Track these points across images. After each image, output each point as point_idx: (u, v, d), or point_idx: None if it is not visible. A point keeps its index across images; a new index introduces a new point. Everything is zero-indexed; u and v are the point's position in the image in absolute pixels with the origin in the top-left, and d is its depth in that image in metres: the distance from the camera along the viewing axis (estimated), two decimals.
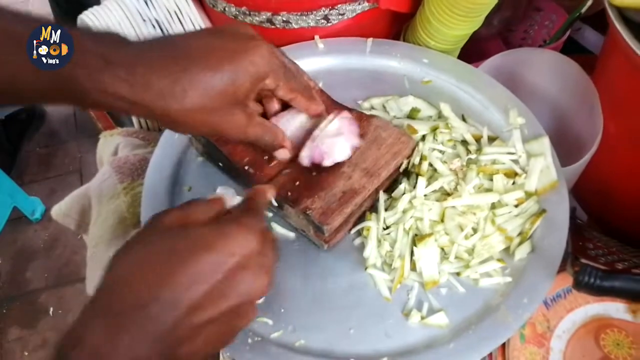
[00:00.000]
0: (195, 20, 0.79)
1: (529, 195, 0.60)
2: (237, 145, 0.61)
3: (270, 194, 0.50)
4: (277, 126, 0.56)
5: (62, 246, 1.84)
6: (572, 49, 0.93)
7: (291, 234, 0.61)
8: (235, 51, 0.47)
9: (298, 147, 0.58)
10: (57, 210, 0.78)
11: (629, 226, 0.74)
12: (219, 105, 0.47)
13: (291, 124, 0.58)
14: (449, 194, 0.60)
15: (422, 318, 0.55)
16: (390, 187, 0.62)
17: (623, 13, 0.60)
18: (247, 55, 0.47)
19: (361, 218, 0.61)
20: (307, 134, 0.59)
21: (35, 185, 1.98)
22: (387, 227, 0.59)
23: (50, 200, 1.91)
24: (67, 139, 2.11)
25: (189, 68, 0.45)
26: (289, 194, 0.58)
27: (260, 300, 0.47)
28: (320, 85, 0.72)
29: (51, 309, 1.72)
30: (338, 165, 0.59)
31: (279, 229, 0.61)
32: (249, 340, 0.53)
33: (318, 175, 0.59)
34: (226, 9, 0.75)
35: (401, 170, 0.62)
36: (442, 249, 0.58)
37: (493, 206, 0.60)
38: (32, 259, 1.83)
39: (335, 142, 0.58)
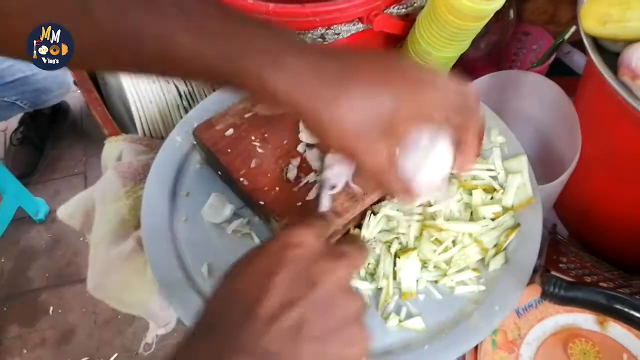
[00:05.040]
0: None
1: (505, 210, 0.64)
2: (236, 157, 0.65)
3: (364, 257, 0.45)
4: (412, 185, 0.49)
5: (64, 247, 1.88)
6: (561, 71, 0.97)
7: None
8: (422, 79, 0.45)
9: None
10: (63, 211, 0.81)
11: (605, 243, 0.78)
12: (370, 129, 0.44)
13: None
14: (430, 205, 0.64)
15: (400, 322, 0.58)
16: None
17: (598, 42, 0.64)
18: (413, 95, 0.44)
19: (347, 234, 0.64)
20: None
21: (40, 187, 2.02)
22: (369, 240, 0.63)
23: (54, 202, 1.95)
24: (73, 143, 2.15)
25: (354, 82, 0.43)
26: (276, 209, 0.61)
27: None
28: None
29: (51, 308, 1.75)
30: None
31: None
32: None
33: (305, 194, 0.62)
34: None
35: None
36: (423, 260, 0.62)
37: (471, 219, 0.64)
38: (34, 258, 1.87)
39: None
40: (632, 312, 0.53)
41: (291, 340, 0.36)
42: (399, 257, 0.60)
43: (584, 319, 0.62)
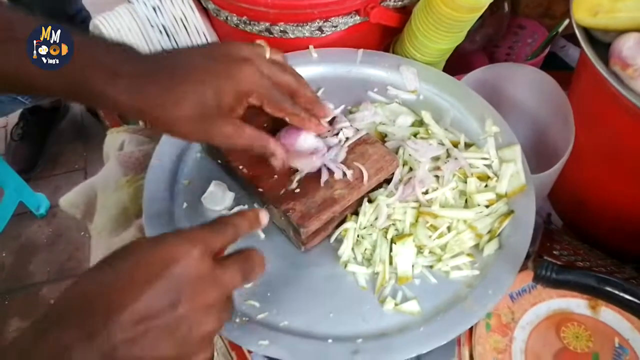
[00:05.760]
0: (199, 27, 0.84)
1: (499, 197, 0.66)
2: None
3: (260, 218, 0.50)
4: (266, 135, 0.59)
5: (65, 242, 1.89)
6: (556, 65, 0.98)
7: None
8: (221, 70, 0.53)
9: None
10: (65, 200, 0.83)
11: (598, 232, 0.79)
12: (206, 116, 0.53)
13: (294, 138, 0.64)
14: (426, 192, 0.65)
15: (396, 305, 0.60)
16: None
17: (590, 33, 0.65)
18: (230, 73, 0.53)
19: (343, 221, 0.65)
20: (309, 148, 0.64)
21: (40, 182, 2.03)
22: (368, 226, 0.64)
23: (55, 197, 1.96)
24: (73, 138, 2.16)
25: (181, 82, 0.51)
26: (274, 194, 0.63)
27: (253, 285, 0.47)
28: (320, 92, 0.77)
29: (52, 302, 1.75)
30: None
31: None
32: (237, 320, 0.58)
33: (303, 182, 0.64)
34: (228, 18, 0.81)
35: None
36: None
37: (466, 206, 0.65)
38: (35, 253, 1.88)
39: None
40: (622, 294, 0.54)
41: (136, 352, 0.38)
42: (395, 243, 0.62)
43: (577, 304, 0.64)
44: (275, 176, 0.64)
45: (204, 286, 0.41)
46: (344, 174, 0.63)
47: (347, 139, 0.66)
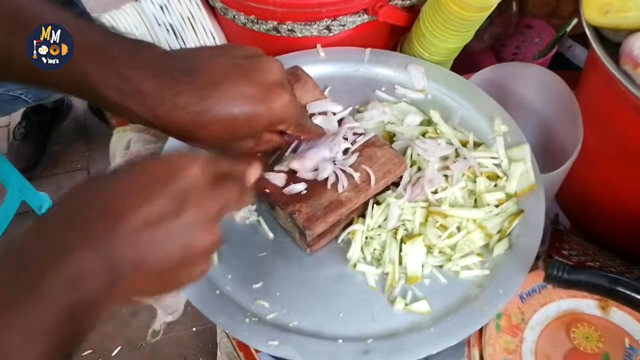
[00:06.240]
0: (206, 26, 0.84)
1: (509, 196, 0.66)
2: None
3: (252, 169, 0.49)
4: (281, 140, 0.60)
5: None
6: (563, 65, 0.98)
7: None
8: (255, 95, 0.51)
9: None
10: None
11: (607, 232, 0.79)
12: (231, 139, 0.53)
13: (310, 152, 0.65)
14: (435, 192, 0.65)
15: (406, 305, 0.59)
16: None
17: (600, 32, 0.65)
18: (265, 100, 0.51)
19: (350, 224, 0.65)
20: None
21: (43, 181, 2.02)
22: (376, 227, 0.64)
23: (57, 196, 1.94)
24: (75, 138, 2.15)
25: (212, 106, 0.49)
26: (282, 196, 0.62)
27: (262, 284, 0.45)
28: (327, 91, 0.77)
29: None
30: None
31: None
32: (247, 320, 0.58)
33: (310, 184, 0.63)
34: (236, 17, 0.81)
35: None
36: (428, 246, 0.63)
37: (475, 205, 0.65)
38: None
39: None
40: (633, 294, 0.54)
41: (139, 255, 0.38)
42: (404, 243, 0.62)
43: (587, 304, 0.63)
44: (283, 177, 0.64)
45: (207, 197, 0.41)
46: (351, 177, 0.63)
47: (355, 141, 0.66)
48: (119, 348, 1.65)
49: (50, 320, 0.34)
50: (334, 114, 0.69)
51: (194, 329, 1.62)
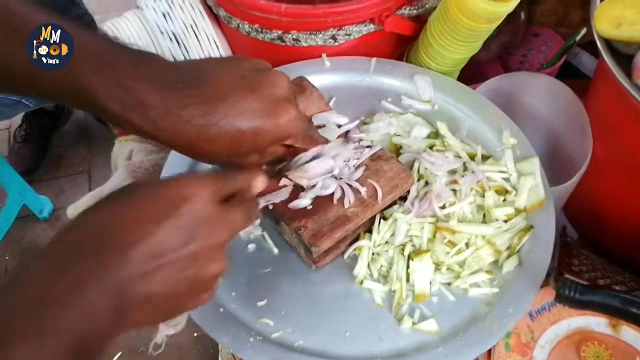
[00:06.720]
0: (210, 34, 0.83)
1: (518, 211, 0.64)
2: None
3: (257, 182, 0.48)
4: (286, 151, 0.59)
5: None
6: (569, 73, 0.97)
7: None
8: (266, 111, 0.50)
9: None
10: (73, 210, 0.81)
11: (616, 245, 0.77)
12: (236, 155, 0.51)
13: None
14: (443, 207, 0.64)
15: (414, 324, 0.58)
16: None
17: (611, 44, 0.64)
18: (272, 115, 0.50)
19: (357, 239, 0.64)
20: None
21: (44, 185, 2.01)
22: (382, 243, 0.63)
23: (58, 200, 1.94)
24: (77, 140, 2.14)
25: (217, 120, 0.48)
26: (287, 211, 0.61)
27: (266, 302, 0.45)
28: (332, 102, 0.76)
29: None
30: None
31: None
32: (251, 339, 0.57)
33: (315, 199, 0.62)
34: (240, 25, 0.79)
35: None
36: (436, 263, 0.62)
37: (483, 221, 0.64)
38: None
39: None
40: None
41: (148, 289, 0.38)
42: (412, 260, 0.60)
43: (597, 322, 0.62)
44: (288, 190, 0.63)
45: (214, 225, 0.41)
46: (358, 192, 0.62)
47: (362, 154, 0.65)
48: (119, 354, 1.64)
49: (59, 354, 0.34)
50: (339, 126, 0.68)
51: (195, 335, 1.61)
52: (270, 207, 0.62)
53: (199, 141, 0.48)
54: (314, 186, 0.62)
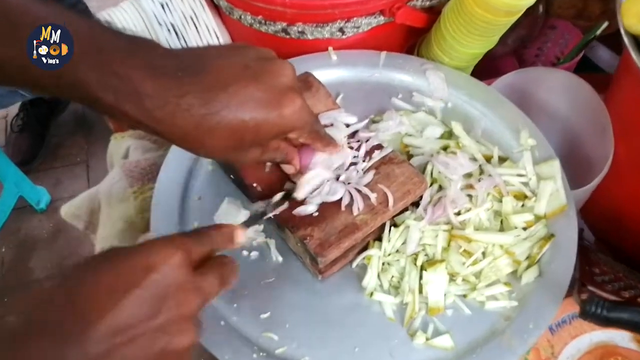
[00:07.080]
0: (210, 26, 0.79)
1: (537, 218, 0.61)
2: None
3: (238, 237, 0.46)
4: (289, 147, 0.56)
5: (66, 237, 1.84)
6: (584, 66, 0.93)
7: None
8: (270, 101, 0.47)
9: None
10: (67, 210, 0.78)
11: (636, 251, 0.74)
12: (238, 148, 0.48)
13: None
14: (458, 213, 0.60)
15: (427, 339, 0.55)
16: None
17: (638, 40, 0.60)
18: (276, 106, 0.47)
19: (365, 248, 0.60)
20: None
21: (41, 175, 1.98)
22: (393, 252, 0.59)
23: (56, 191, 1.92)
24: (74, 130, 2.11)
25: (218, 110, 0.45)
26: (292, 218, 0.58)
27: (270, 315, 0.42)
28: (339, 99, 0.72)
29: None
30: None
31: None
32: (254, 355, 0.53)
33: (322, 205, 0.58)
34: (242, 17, 0.75)
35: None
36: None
37: (501, 228, 0.60)
38: (35, 248, 1.83)
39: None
40: None
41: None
42: (425, 270, 0.57)
43: (621, 337, 0.59)
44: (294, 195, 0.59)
45: (184, 295, 0.39)
46: (367, 198, 0.58)
47: (371, 157, 0.61)
48: None
49: None
50: (348, 125, 0.64)
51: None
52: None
53: (198, 132, 0.45)
54: (318, 191, 0.58)
